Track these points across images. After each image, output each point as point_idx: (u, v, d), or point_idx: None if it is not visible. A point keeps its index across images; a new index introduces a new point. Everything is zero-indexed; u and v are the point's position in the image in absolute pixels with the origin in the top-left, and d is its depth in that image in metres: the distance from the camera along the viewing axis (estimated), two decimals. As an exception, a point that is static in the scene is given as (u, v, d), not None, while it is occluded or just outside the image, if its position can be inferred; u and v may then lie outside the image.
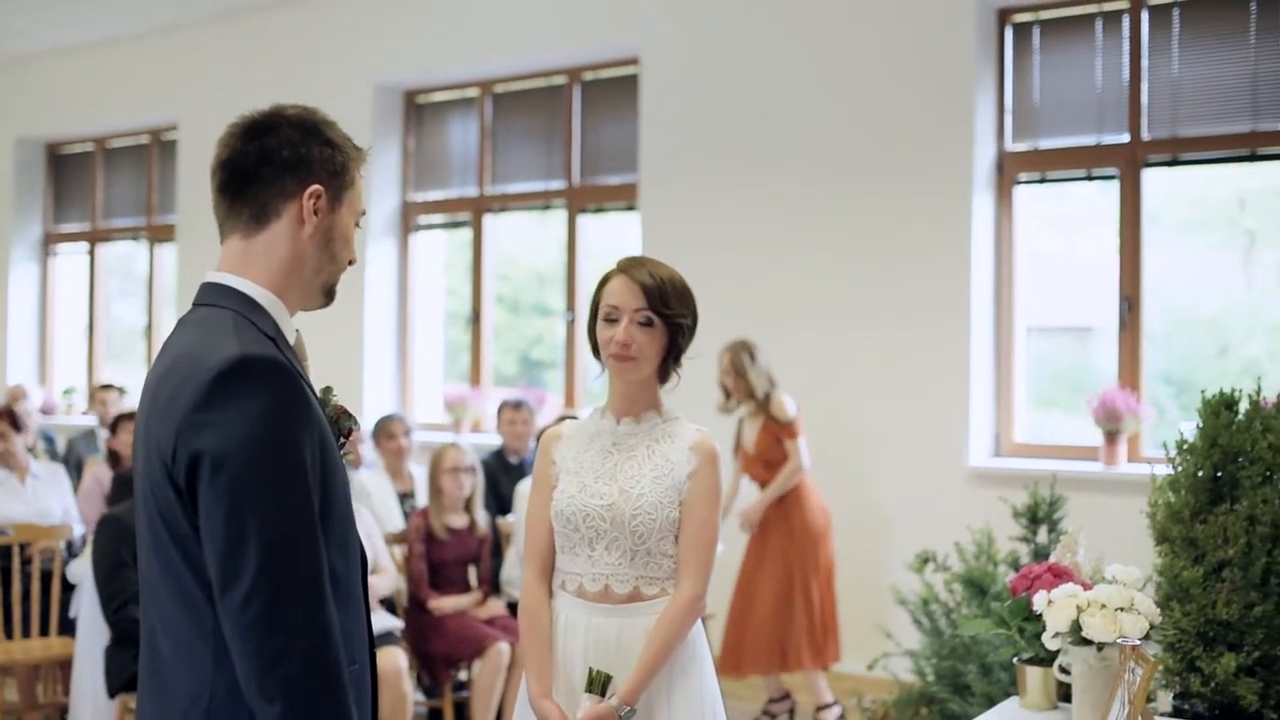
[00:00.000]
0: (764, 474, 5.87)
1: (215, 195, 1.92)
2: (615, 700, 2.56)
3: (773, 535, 5.82)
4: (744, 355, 5.88)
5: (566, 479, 2.73)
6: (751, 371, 5.85)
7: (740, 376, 5.85)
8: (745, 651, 5.76)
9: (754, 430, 5.89)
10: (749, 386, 5.85)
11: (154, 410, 1.81)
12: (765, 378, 5.87)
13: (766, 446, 5.84)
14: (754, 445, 5.88)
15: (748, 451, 5.93)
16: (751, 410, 5.90)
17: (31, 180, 10.95)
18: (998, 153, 6.52)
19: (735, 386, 5.89)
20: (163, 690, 1.82)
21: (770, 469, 5.85)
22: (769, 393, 5.86)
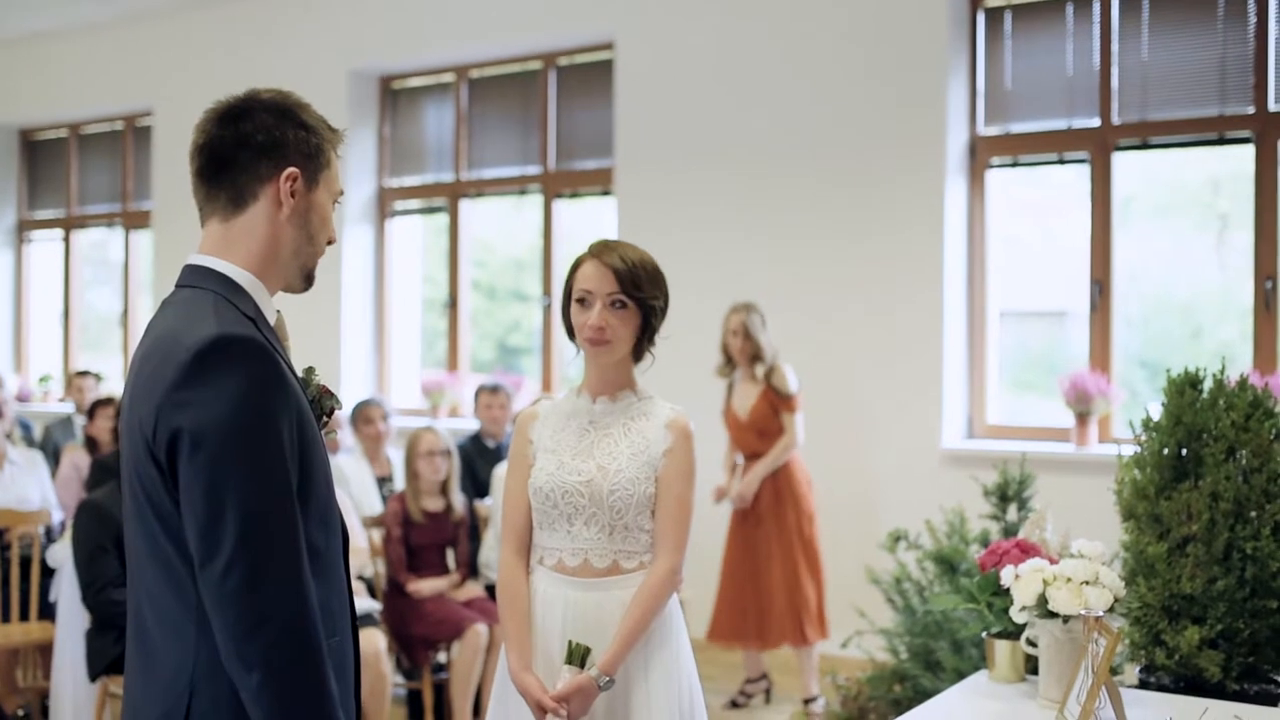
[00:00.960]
0: (755, 443, 5.79)
1: (194, 180, 1.95)
2: (595, 671, 2.62)
3: (769, 509, 5.75)
4: (755, 317, 5.79)
5: (544, 457, 2.77)
6: (761, 334, 5.77)
7: (749, 339, 5.74)
8: (760, 624, 5.71)
9: (750, 397, 5.79)
10: (757, 348, 5.75)
11: (137, 389, 1.85)
12: (770, 344, 5.81)
13: (762, 415, 5.75)
14: (749, 413, 5.78)
15: (740, 419, 5.83)
16: (749, 376, 5.80)
17: (5, 167, 10.90)
18: (970, 137, 6.59)
19: (741, 349, 5.77)
20: (149, 663, 1.86)
21: (763, 439, 5.76)
22: (775, 361, 5.77)
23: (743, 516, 5.83)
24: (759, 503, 5.78)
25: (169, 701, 1.81)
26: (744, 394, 5.82)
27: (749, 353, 5.76)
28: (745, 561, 5.79)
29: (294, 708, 1.74)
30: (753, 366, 5.79)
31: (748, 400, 5.80)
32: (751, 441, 5.80)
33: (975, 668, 3.72)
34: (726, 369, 5.89)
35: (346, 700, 1.93)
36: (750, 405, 5.78)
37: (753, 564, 5.77)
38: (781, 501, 5.77)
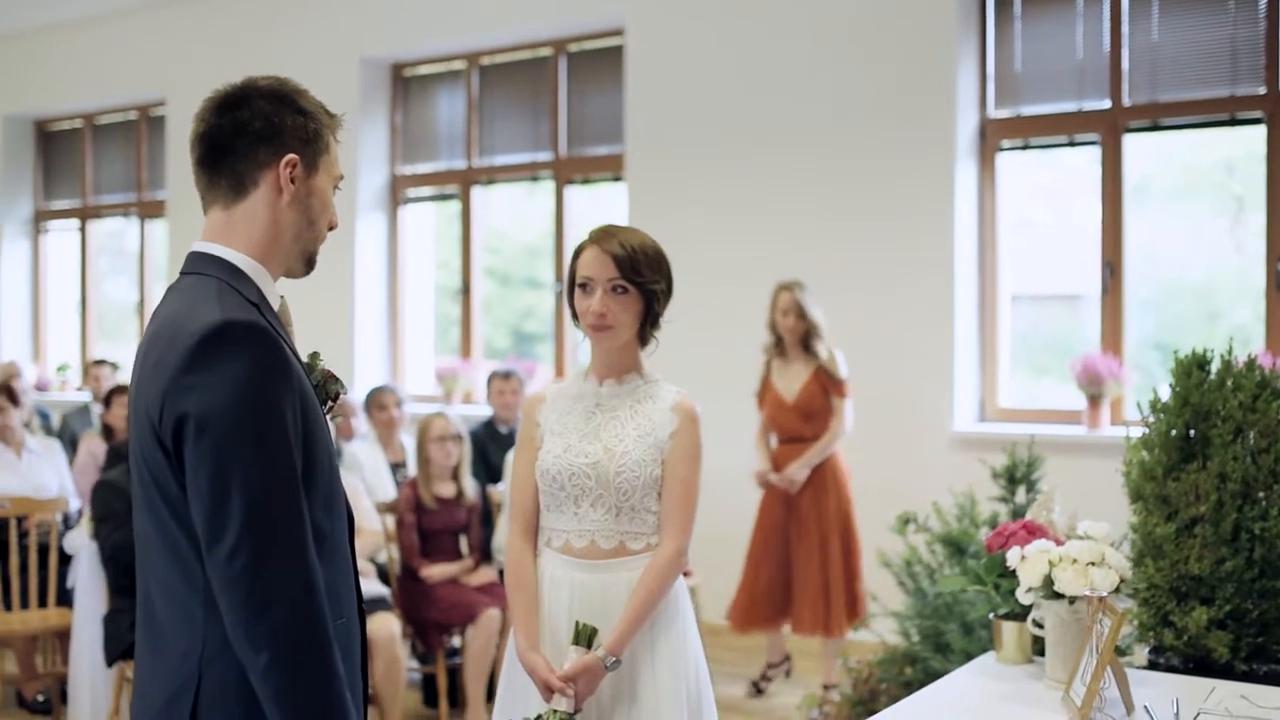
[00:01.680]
0: (799, 426, 5.63)
1: (195, 168, 1.97)
2: (601, 651, 2.64)
3: (808, 496, 5.62)
4: (807, 295, 5.62)
5: (551, 439, 2.80)
6: (815, 312, 5.61)
7: (802, 318, 5.59)
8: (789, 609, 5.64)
9: (799, 379, 5.64)
10: (811, 327, 5.59)
11: (143, 375, 1.88)
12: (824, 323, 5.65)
13: (811, 398, 5.60)
14: (798, 394, 5.62)
15: (784, 400, 5.65)
16: (799, 357, 5.64)
17: (21, 158, 10.96)
18: (980, 120, 6.58)
19: (793, 329, 5.60)
20: (158, 645, 1.88)
21: (808, 422, 5.62)
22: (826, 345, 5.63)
23: (776, 501, 5.69)
24: (799, 489, 5.65)
25: (178, 683, 1.83)
26: (792, 375, 5.66)
27: (800, 332, 5.61)
28: (778, 547, 5.67)
29: (302, 687, 1.76)
30: (803, 347, 5.63)
31: (796, 381, 5.64)
32: (795, 424, 5.65)
33: (985, 649, 3.72)
34: (774, 349, 5.71)
35: (354, 681, 1.95)
36: (799, 387, 5.63)
37: (785, 550, 5.66)
38: (823, 489, 5.64)
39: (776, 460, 5.71)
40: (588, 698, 2.66)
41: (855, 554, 5.66)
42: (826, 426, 5.63)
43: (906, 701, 2.89)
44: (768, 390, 5.73)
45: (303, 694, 1.76)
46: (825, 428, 5.63)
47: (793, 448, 5.67)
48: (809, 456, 5.60)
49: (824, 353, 5.61)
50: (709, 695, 2.80)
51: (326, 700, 1.78)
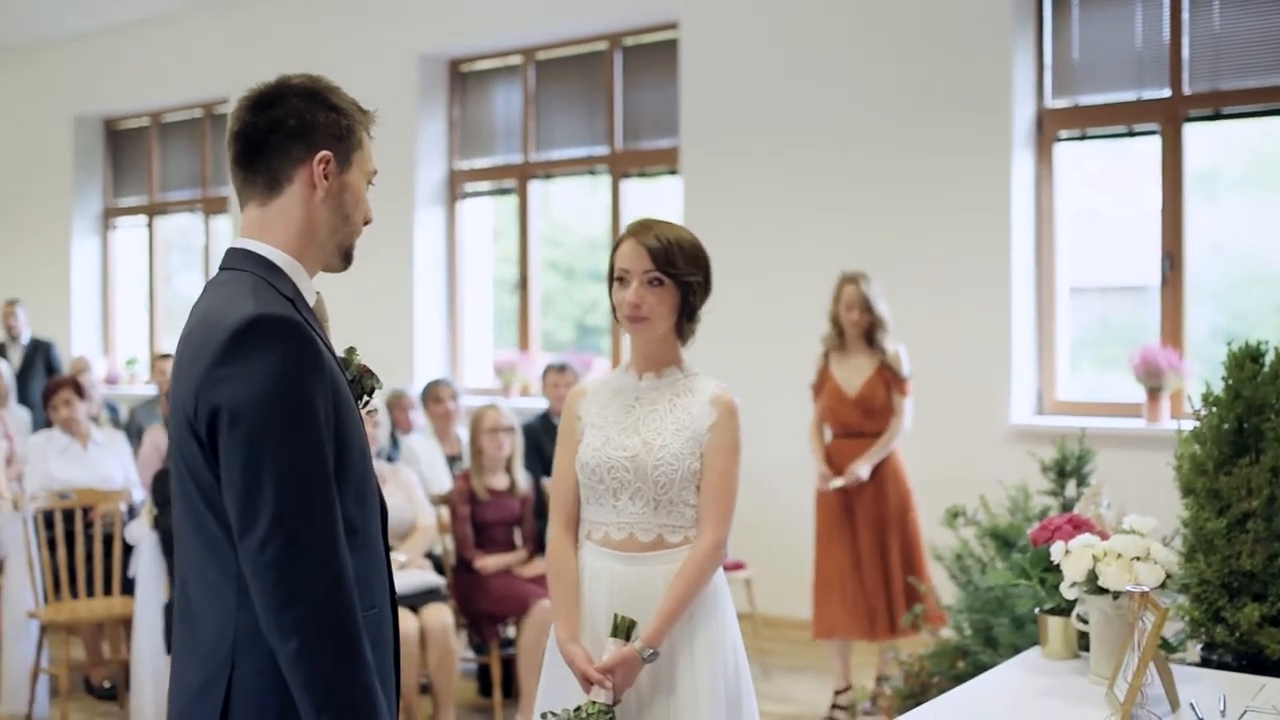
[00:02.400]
0: (860, 421, 5.48)
1: (231, 166, 2.00)
2: (639, 644, 2.65)
3: (868, 494, 5.46)
4: (873, 287, 5.48)
5: (591, 433, 2.82)
6: (881, 305, 5.47)
7: (868, 311, 5.44)
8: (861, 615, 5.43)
9: (862, 373, 5.48)
10: (876, 321, 5.46)
11: (179, 368, 1.92)
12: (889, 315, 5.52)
13: (873, 392, 5.46)
14: (860, 389, 5.47)
15: (845, 394, 5.49)
16: (862, 350, 5.50)
17: (91, 156, 11.17)
18: (1037, 110, 6.50)
19: (858, 323, 5.45)
20: (193, 631, 1.92)
21: (869, 418, 5.47)
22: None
23: (835, 502, 5.51)
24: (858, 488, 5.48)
25: (212, 669, 1.87)
26: (854, 368, 5.51)
27: (864, 326, 5.46)
28: (843, 550, 5.49)
29: (330, 675, 1.79)
30: (867, 340, 5.49)
31: (859, 375, 5.49)
32: (856, 419, 5.50)
33: (1034, 644, 3.69)
34: (835, 341, 5.54)
35: (385, 671, 1.98)
36: (863, 381, 5.48)
37: (853, 552, 5.49)
38: (883, 488, 5.49)
39: (830, 454, 5.55)
40: (626, 689, 2.68)
41: (918, 553, 5.49)
42: (886, 423, 5.49)
43: (948, 696, 2.88)
44: (826, 382, 5.57)
45: (331, 681, 1.79)
46: (885, 424, 5.49)
47: (850, 443, 5.51)
48: (873, 454, 5.44)
49: (889, 348, 5.49)
50: (749, 687, 2.81)
51: (354, 688, 1.81)
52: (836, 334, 5.53)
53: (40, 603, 5.48)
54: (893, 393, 5.49)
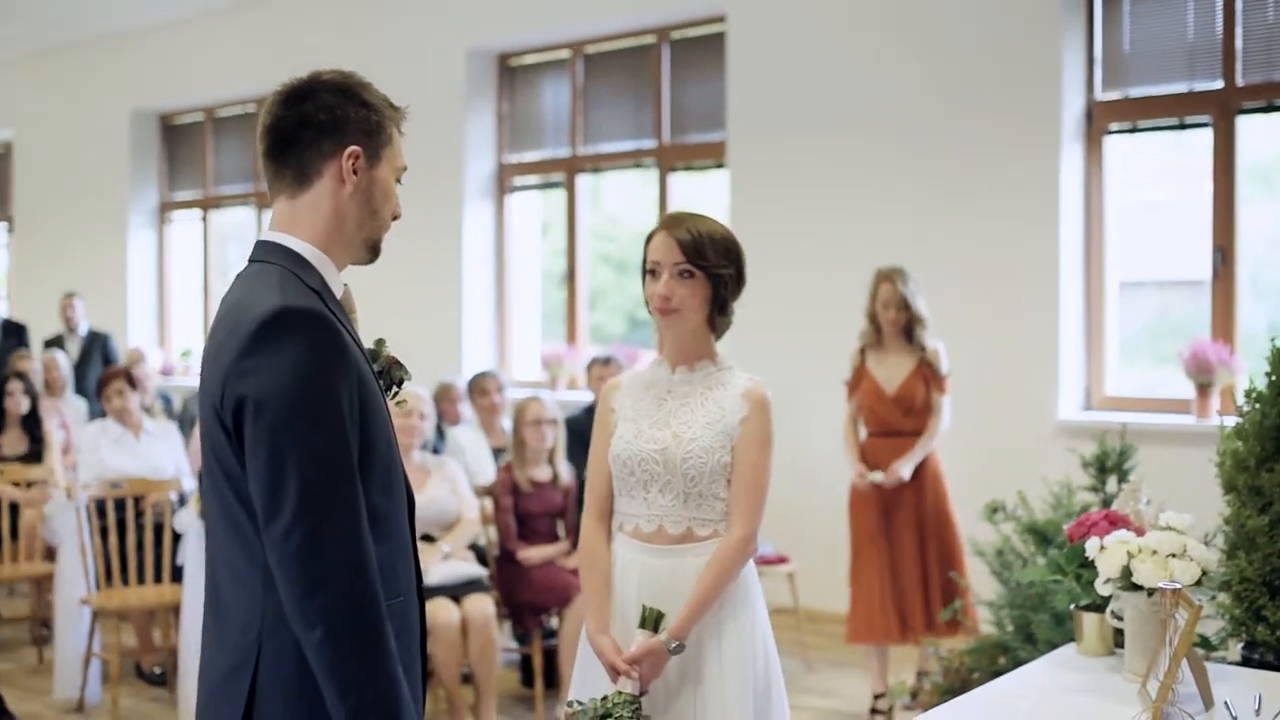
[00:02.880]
0: (899, 419, 5.39)
1: (262, 160, 2.03)
2: (664, 635, 2.67)
3: (907, 495, 5.36)
4: (911, 285, 5.37)
5: (624, 425, 2.83)
6: (919, 302, 5.37)
7: (904, 310, 5.34)
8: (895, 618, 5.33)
9: (901, 370, 5.39)
10: (914, 318, 5.35)
11: (207, 359, 1.96)
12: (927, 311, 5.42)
13: (912, 390, 5.36)
14: (899, 387, 5.37)
15: (883, 391, 5.40)
16: (901, 348, 5.40)
17: (147, 151, 11.34)
18: (1087, 102, 6.43)
19: (895, 320, 5.35)
20: (221, 619, 1.96)
21: (908, 416, 5.38)
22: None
23: (872, 503, 5.40)
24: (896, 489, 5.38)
25: (239, 654, 1.90)
26: (892, 365, 5.42)
27: (902, 324, 5.37)
28: (881, 551, 5.39)
29: (353, 663, 1.81)
30: (906, 337, 5.40)
31: (898, 373, 5.40)
32: (894, 417, 5.40)
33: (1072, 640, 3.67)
34: (873, 337, 5.45)
35: (411, 658, 2.00)
36: (902, 379, 5.38)
37: (890, 558, 5.38)
38: (921, 489, 5.39)
39: (865, 454, 5.45)
40: (652, 680, 2.69)
41: (956, 554, 5.39)
42: (924, 421, 5.39)
43: (979, 691, 2.87)
44: (863, 380, 5.48)
45: (354, 669, 1.81)
46: (923, 423, 5.39)
47: (886, 441, 5.41)
48: (914, 454, 5.34)
49: (929, 345, 5.39)
50: (779, 680, 2.81)
51: (378, 675, 1.83)
52: (874, 330, 5.44)
53: (92, 589, 5.58)
54: (932, 390, 5.38)
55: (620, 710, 2.60)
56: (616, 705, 2.61)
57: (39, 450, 7.19)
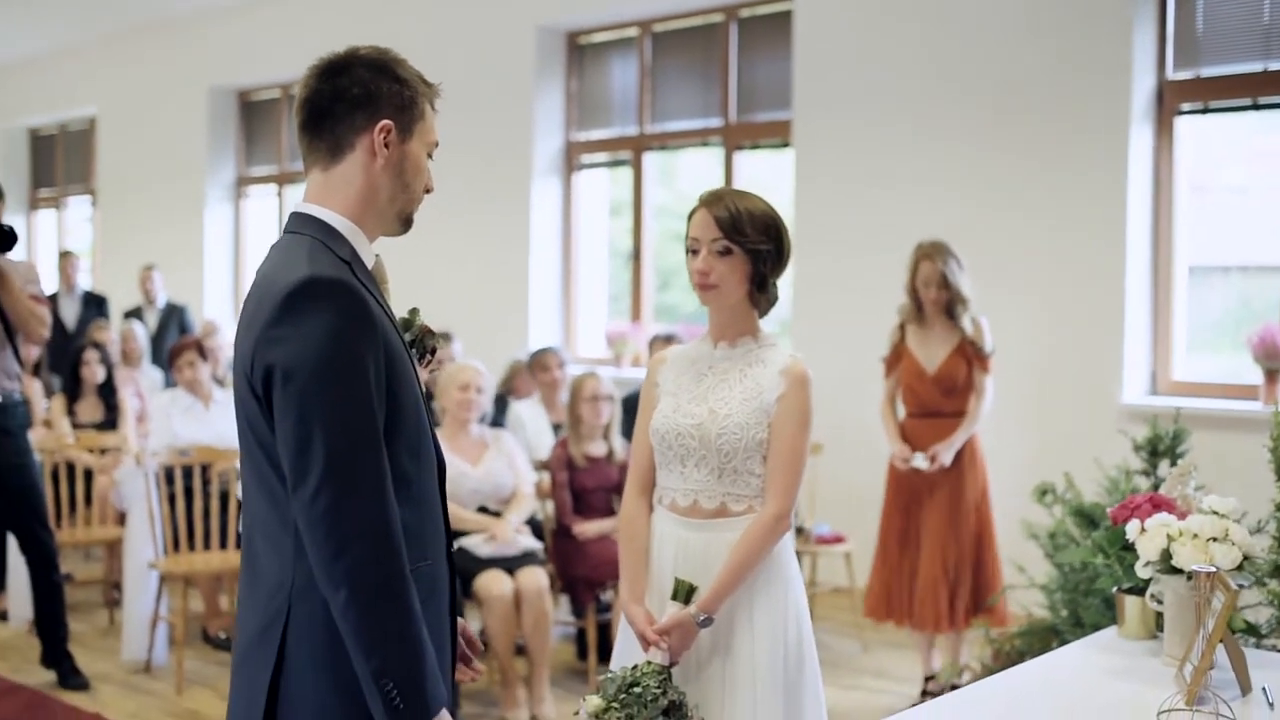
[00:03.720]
0: (939, 400, 5.23)
1: (298, 132, 2.07)
2: (693, 608, 2.69)
3: (944, 477, 5.20)
4: (952, 261, 5.18)
5: (665, 400, 2.86)
6: (960, 279, 5.17)
7: (945, 288, 5.15)
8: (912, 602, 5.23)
9: (942, 349, 5.21)
10: (955, 296, 5.16)
11: (240, 327, 2.01)
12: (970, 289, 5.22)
13: (954, 370, 5.19)
14: (939, 366, 5.21)
15: (923, 371, 5.23)
16: (943, 326, 5.22)
17: (225, 127, 11.54)
18: (1157, 82, 6.32)
19: (936, 300, 5.18)
20: (256, 578, 2.02)
21: (949, 396, 5.21)
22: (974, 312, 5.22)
23: (908, 482, 5.28)
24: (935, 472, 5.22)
25: (270, 614, 1.96)
26: (933, 344, 5.24)
27: (943, 302, 5.19)
28: (915, 532, 5.27)
29: (377, 623, 1.86)
30: (947, 314, 5.22)
31: (938, 352, 5.23)
32: (935, 397, 5.23)
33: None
34: (913, 314, 5.27)
35: (439, 622, 2.05)
36: (942, 358, 5.21)
37: (917, 537, 5.26)
38: (960, 473, 5.22)
39: (904, 434, 5.32)
40: (682, 652, 2.72)
41: (990, 545, 5.25)
42: (965, 402, 5.23)
43: (1015, 669, 2.87)
44: (902, 358, 5.32)
45: (378, 630, 1.86)
46: (964, 403, 5.23)
47: (926, 423, 5.27)
48: (956, 437, 5.17)
49: (969, 324, 5.20)
50: (811, 656, 2.82)
51: (402, 637, 1.88)
52: (914, 307, 5.26)
53: (160, 554, 5.73)
54: (974, 370, 5.21)
55: (648, 680, 2.63)
56: (645, 675, 2.64)
57: (114, 418, 7.39)
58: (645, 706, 2.60)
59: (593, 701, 2.65)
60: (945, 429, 5.22)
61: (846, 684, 5.64)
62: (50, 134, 13.79)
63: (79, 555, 8.01)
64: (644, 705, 2.60)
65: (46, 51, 13.02)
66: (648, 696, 2.61)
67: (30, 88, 13.46)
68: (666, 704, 2.62)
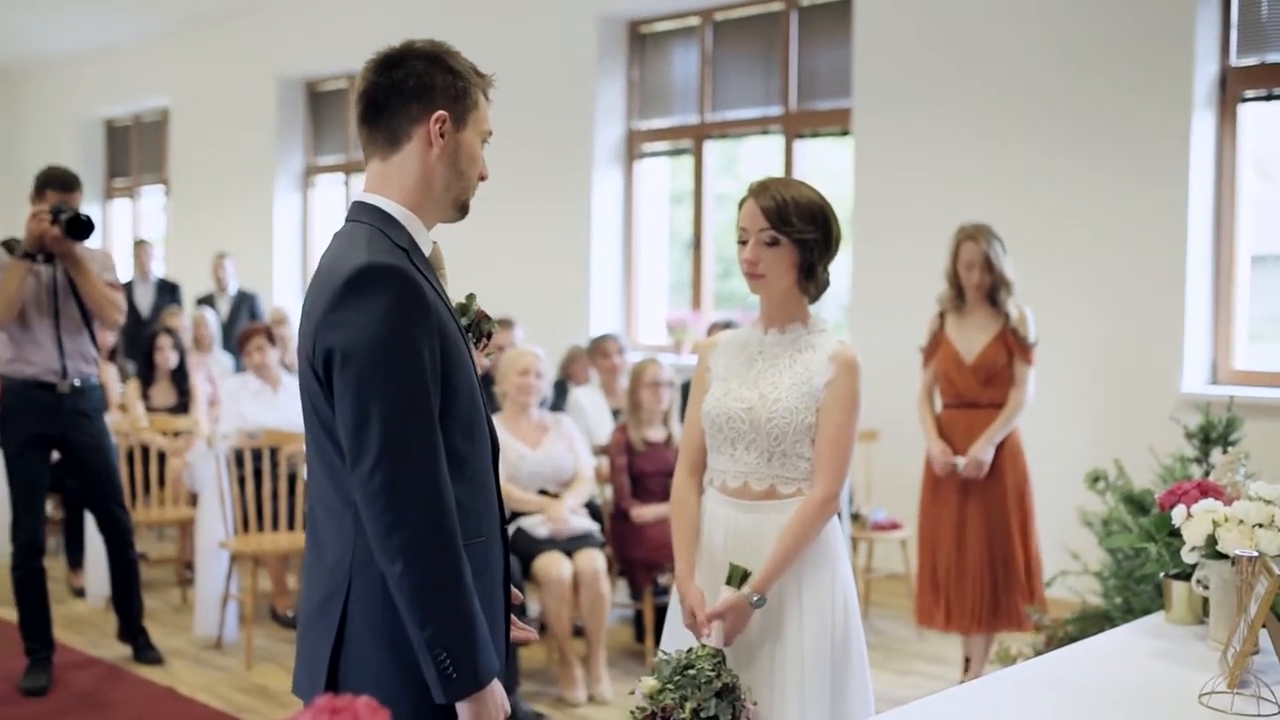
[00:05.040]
0: (978, 390, 5.03)
1: (357, 124, 2.16)
2: (747, 589, 2.76)
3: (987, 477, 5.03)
4: (995, 245, 4.99)
5: (716, 384, 2.94)
6: (1004, 264, 4.99)
7: (989, 271, 4.97)
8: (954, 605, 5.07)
9: (982, 337, 5.03)
10: (999, 280, 4.99)
11: (304, 313, 2.11)
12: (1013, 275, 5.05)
13: (994, 359, 5.00)
14: (979, 355, 5.02)
15: (961, 360, 5.06)
16: (984, 313, 5.05)
17: (292, 117, 11.74)
18: (1220, 68, 6.26)
19: (979, 284, 4.99)
20: (319, 552, 2.12)
21: (989, 387, 5.02)
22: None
23: (944, 478, 5.10)
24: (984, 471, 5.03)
25: (333, 585, 2.06)
26: (972, 332, 5.05)
27: (986, 286, 5.00)
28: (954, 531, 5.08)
29: (431, 595, 1.95)
30: (989, 301, 5.04)
31: (978, 340, 5.04)
32: (972, 388, 5.04)
33: (1168, 611, 3.65)
34: (954, 301, 5.09)
35: (492, 596, 2.14)
36: (982, 347, 5.02)
37: (963, 538, 5.06)
38: (999, 469, 5.03)
39: (941, 426, 5.14)
40: (736, 635, 2.78)
41: (1032, 543, 5.10)
42: (1005, 393, 5.03)
43: (1059, 652, 2.90)
44: (940, 347, 5.12)
45: (431, 601, 1.95)
46: (1004, 394, 5.03)
47: (964, 414, 5.07)
48: (993, 433, 4.97)
49: (1014, 311, 5.01)
50: (859, 638, 2.87)
51: (455, 608, 1.97)
52: (954, 293, 5.07)
53: (230, 534, 5.89)
54: (1015, 360, 5.01)
55: (702, 663, 2.67)
56: (699, 658, 2.68)
57: (186, 403, 7.58)
58: (699, 688, 2.64)
59: (648, 683, 2.71)
60: (982, 421, 5.03)
61: (901, 669, 5.68)
62: (125, 125, 14.10)
63: (153, 535, 8.23)
64: (698, 687, 2.64)
65: (120, 44, 13.30)
66: (701, 679, 2.65)
67: (105, 80, 13.77)
68: (720, 686, 2.66)
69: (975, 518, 5.05)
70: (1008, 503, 5.05)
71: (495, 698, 2.01)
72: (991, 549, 5.04)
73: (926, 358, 5.22)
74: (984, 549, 5.04)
